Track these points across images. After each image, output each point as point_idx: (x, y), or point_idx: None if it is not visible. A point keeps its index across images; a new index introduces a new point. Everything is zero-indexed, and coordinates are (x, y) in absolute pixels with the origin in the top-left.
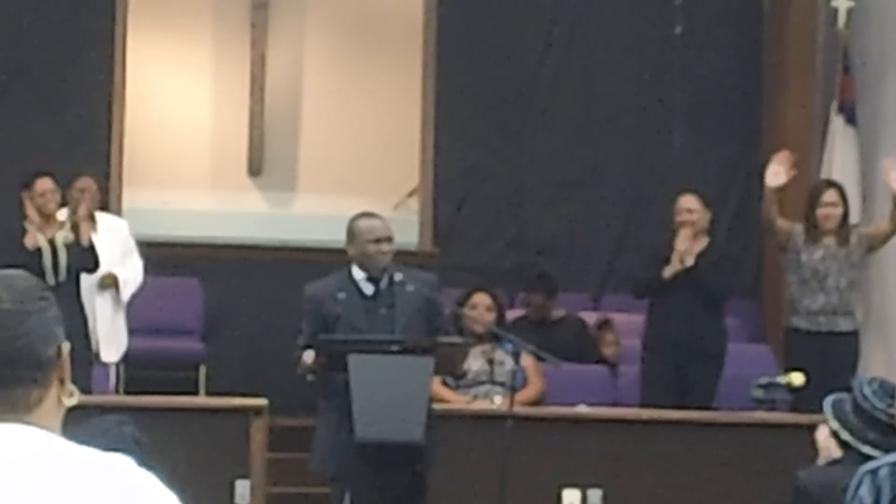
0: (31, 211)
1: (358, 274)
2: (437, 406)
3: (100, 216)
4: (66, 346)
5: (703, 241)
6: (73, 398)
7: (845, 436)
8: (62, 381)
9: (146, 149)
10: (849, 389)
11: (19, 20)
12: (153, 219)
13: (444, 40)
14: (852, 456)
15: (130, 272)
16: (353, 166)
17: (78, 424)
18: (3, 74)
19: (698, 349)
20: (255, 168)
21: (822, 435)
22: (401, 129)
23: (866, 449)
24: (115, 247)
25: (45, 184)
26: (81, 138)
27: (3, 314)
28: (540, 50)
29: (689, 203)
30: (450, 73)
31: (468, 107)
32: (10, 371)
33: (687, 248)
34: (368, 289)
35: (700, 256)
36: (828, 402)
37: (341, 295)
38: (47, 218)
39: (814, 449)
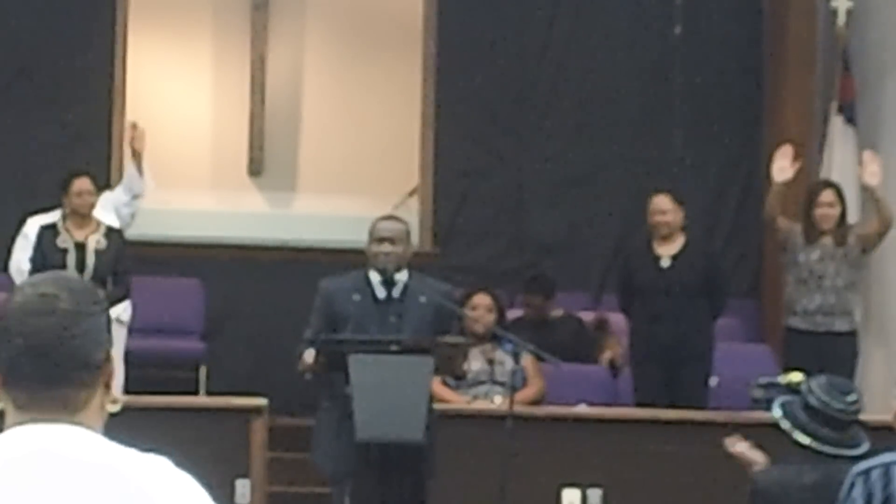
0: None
1: (374, 277)
2: (436, 406)
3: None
4: (114, 352)
5: (680, 241)
6: (117, 405)
7: (798, 436)
8: (107, 387)
9: (146, 149)
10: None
11: (19, 20)
12: (153, 219)
13: (444, 40)
14: (807, 455)
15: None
16: (353, 166)
17: None
18: (3, 74)
19: (685, 351)
20: (255, 168)
21: (742, 447)
22: (401, 129)
23: (817, 445)
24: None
25: (83, 183)
26: (81, 138)
27: (61, 314)
28: (540, 50)
29: (661, 204)
30: (450, 73)
31: (468, 107)
32: (63, 370)
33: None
34: (382, 293)
35: (676, 257)
36: (776, 405)
37: (356, 297)
38: (82, 218)
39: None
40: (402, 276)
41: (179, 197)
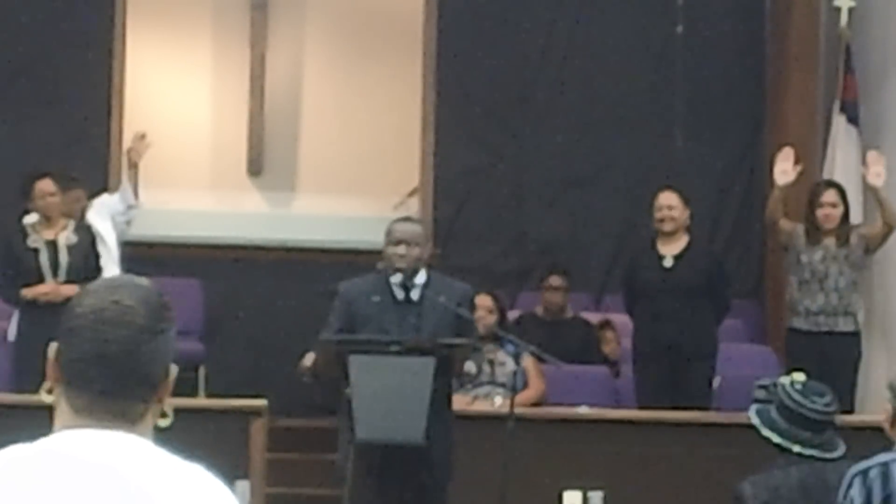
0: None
1: (394, 278)
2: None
3: (95, 205)
4: (174, 369)
5: (683, 241)
6: (167, 420)
7: (777, 439)
8: (161, 402)
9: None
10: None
11: (19, 20)
12: (153, 219)
13: (444, 40)
14: (788, 458)
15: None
16: (353, 166)
17: None
18: (2, 74)
19: (688, 351)
20: (255, 168)
21: None
22: (401, 129)
23: (798, 448)
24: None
25: (44, 185)
26: (81, 138)
27: (134, 329)
28: (540, 50)
29: (668, 200)
30: (450, 74)
31: (468, 107)
32: (126, 384)
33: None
34: (400, 294)
35: (679, 257)
36: (752, 412)
37: (375, 298)
38: (48, 220)
39: None
40: (420, 278)
41: (179, 197)
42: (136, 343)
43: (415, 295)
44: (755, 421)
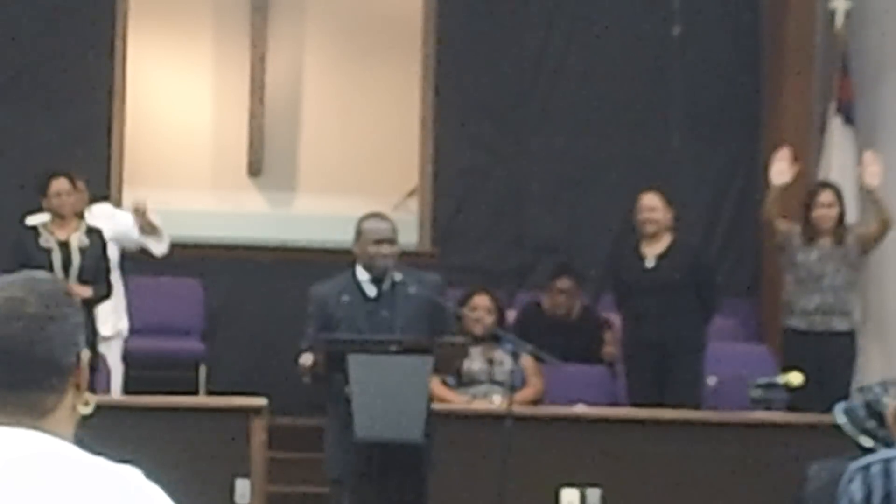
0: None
1: (362, 275)
2: (436, 406)
3: (95, 212)
4: (85, 354)
5: (666, 241)
6: (89, 406)
7: (860, 439)
8: (79, 388)
9: (146, 149)
10: (845, 395)
11: (19, 20)
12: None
13: (444, 40)
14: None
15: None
16: (353, 166)
17: None
18: (3, 74)
19: (673, 348)
20: (255, 168)
21: None
22: (401, 129)
23: (871, 444)
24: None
25: (60, 184)
26: (81, 138)
27: (26, 318)
28: (540, 50)
29: (649, 202)
30: (450, 74)
31: (468, 107)
32: (28, 375)
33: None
34: (371, 291)
35: (661, 257)
36: (839, 412)
37: (345, 298)
38: (62, 219)
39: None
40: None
41: (179, 197)
42: (31, 333)
43: (385, 288)
44: (842, 420)
